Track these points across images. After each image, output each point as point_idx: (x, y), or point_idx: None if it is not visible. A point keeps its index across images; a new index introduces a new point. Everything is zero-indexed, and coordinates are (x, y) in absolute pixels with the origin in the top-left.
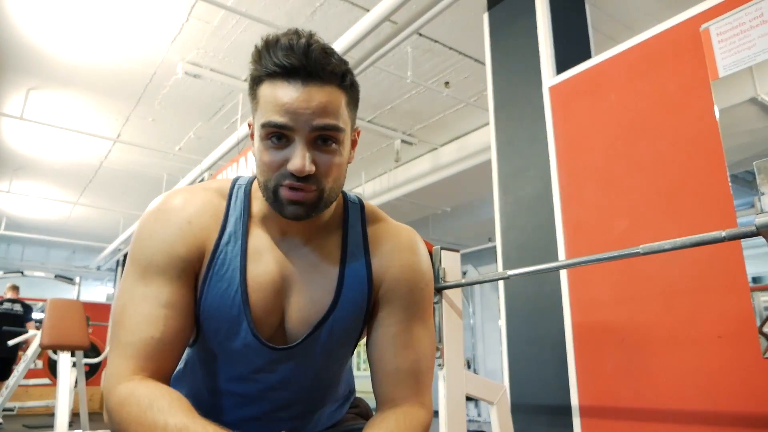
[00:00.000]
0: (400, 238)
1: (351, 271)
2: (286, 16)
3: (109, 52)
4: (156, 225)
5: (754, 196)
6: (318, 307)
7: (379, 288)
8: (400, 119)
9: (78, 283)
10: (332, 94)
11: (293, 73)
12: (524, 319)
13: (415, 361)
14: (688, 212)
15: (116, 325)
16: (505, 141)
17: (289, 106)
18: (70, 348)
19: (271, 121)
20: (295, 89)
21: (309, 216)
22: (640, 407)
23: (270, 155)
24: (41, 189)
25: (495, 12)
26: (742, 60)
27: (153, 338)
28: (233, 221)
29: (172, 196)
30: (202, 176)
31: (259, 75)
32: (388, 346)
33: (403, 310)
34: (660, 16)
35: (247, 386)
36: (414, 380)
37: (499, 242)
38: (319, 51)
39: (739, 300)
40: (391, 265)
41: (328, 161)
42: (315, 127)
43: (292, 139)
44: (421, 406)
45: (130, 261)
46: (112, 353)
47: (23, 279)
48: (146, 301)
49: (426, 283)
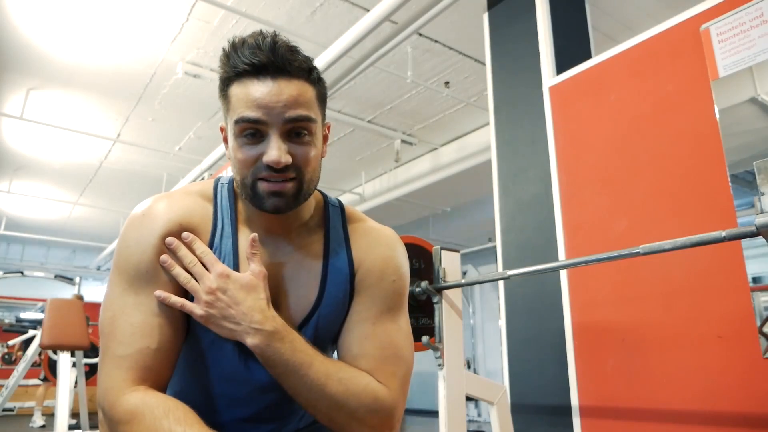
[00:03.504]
0: (378, 235)
1: (333, 267)
2: (286, 16)
3: (109, 52)
4: (141, 231)
5: (754, 196)
6: (304, 304)
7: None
8: (400, 119)
9: (78, 283)
10: (301, 87)
11: (262, 69)
12: (524, 319)
13: (380, 348)
14: (688, 212)
15: (107, 336)
16: (505, 141)
17: (260, 100)
18: (70, 348)
19: (245, 116)
20: (265, 85)
21: (290, 208)
22: (640, 407)
23: (245, 152)
24: (41, 189)
25: (495, 12)
26: (742, 60)
27: (149, 348)
28: (221, 221)
29: (155, 202)
30: (202, 176)
31: (229, 76)
32: (352, 332)
33: (371, 300)
34: (660, 16)
35: (236, 387)
36: (375, 366)
37: (499, 242)
38: (285, 48)
39: (739, 300)
40: (365, 258)
41: (304, 152)
42: (288, 119)
43: (265, 133)
44: (381, 384)
45: (117, 270)
46: (106, 366)
47: (23, 279)
48: (138, 311)
49: (398, 277)
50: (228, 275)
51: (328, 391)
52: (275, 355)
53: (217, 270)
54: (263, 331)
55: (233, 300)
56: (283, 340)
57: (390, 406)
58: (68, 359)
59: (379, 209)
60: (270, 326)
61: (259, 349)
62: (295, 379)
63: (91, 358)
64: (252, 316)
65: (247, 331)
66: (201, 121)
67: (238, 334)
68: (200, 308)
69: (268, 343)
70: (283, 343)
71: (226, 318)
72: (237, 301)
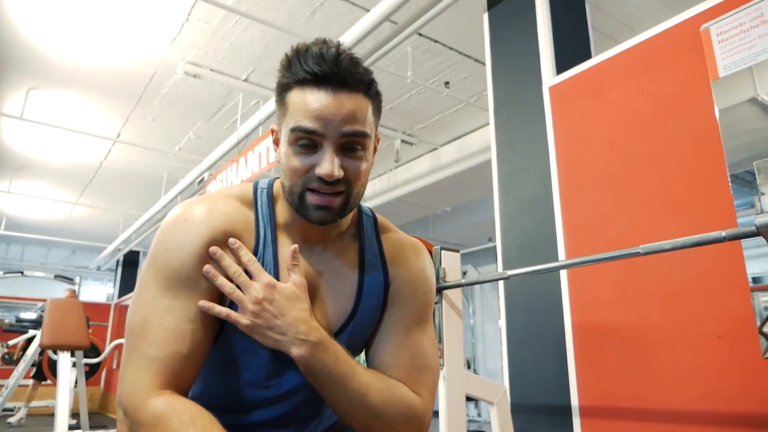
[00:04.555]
0: (409, 247)
1: (370, 278)
2: (286, 15)
3: (109, 52)
4: (183, 234)
5: (754, 196)
6: (340, 313)
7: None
8: (400, 119)
9: (78, 283)
10: (360, 102)
11: (324, 80)
12: (524, 319)
13: (412, 358)
14: (688, 212)
15: (137, 337)
16: (505, 141)
17: (319, 112)
18: (70, 348)
19: (302, 126)
20: (325, 96)
21: (334, 221)
22: (640, 407)
23: (298, 160)
24: (41, 189)
25: (495, 12)
26: (742, 60)
27: (180, 354)
28: (263, 229)
29: (195, 205)
30: (202, 176)
31: (288, 82)
32: (385, 343)
33: (404, 312)
34: (660, 16)
35: (265, 391)
36: (407, 375)
37: (499, 242)
38: (348, 60)
39: (739, 300)
40: (399, 270)
41: (355, 167)
42: (344, 133)
43: (320, 144)
44: (414, 393)
45: (153, 271)
46: (132, 365)
47: (23, 279)
48: (172, 315)
49: (428, 289)
50: (274, 285)
51: (368, 401)
52: (319, 365)
53: (263, 280)
54: (308, 341)
55: (279, 310)
56: (326, 350)
57: (423, 414)
58: (68, 359)
59: (379, 209)
60: (315, 337)
61: (304, 359)
62: (337, 389)
63: (91, 358)
64: (297, 326)
65: (293, 341)
66: (201, 121)
67: (284, 345)
68: (246, 318)
69: (312, 354)
70: (327, 354)
71: (271, 328)
72: (283, 312)
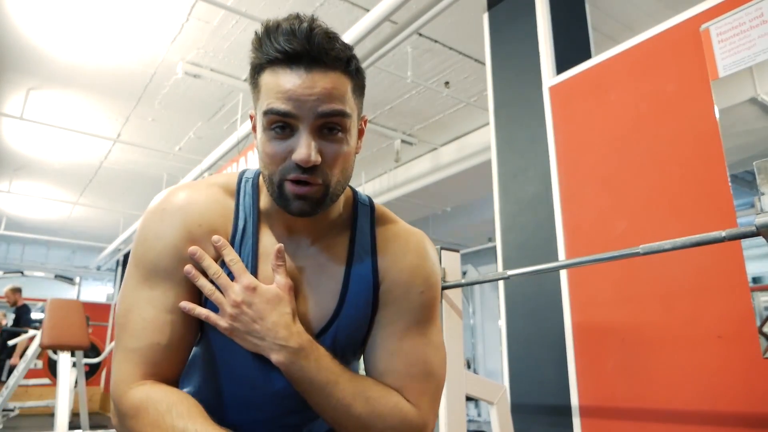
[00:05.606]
0: (407, 240)
1: (356, 274)
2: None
3: (109, 52)
4: (161, 225)
5: (754, 196)
6: (322, 312)
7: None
8: (400, 119)
9: (78, 283)
10: (337, 80)
11: (296, 58)
12: (524, 319)
13: (407, 365)
14: (688, 212)
15: (120, 329)
16: (505, 141)
17: (292, 92)
18: (70, 348)
19: (274, 108)
20: (298, 75)
21: (315, 212)
22: (640, 407)
23: (273, 146)
24: (41, 189)
25: (495, 12)
26: (742, 60)
27: (159, 344)
28: (243, 219)
29: (175, 194)
30: (202, 176)
31: (260, 62)
32: (377, 349)
33: (397, 314)
34: (660, 16)
35: (251, 391)
36: (403, 384)
37: (499, 242)
38: (322, 35)
39: (739, 300)
40: (392, 267)
41: (334, 151)
42: (320, 113)
43: (296, 128)
44: (410, 403)
45: (134, 262)
46: (117, 358)
47: (23, 279)
48: (151, 306)
49: (426, 288)
50: (255, 288)
51: (353, 411)
52: (300, 372)
53: (243, 282)
54: (288, 347)
55: (258, 314)
56: (308, 357)
57: (418, 426)
58: (68, 359)
59: None
60: (295, 343)
61: (284, 366)
62: (320, 398)
63: (91, 358)
64: (277, 331)
65: (272, 347)
66: (201, 121)
67: (263, 350)
68: (225, 321)
69: (292, 360)
70: (308, 361)
71: (250, 333)
72: (262, 316)
